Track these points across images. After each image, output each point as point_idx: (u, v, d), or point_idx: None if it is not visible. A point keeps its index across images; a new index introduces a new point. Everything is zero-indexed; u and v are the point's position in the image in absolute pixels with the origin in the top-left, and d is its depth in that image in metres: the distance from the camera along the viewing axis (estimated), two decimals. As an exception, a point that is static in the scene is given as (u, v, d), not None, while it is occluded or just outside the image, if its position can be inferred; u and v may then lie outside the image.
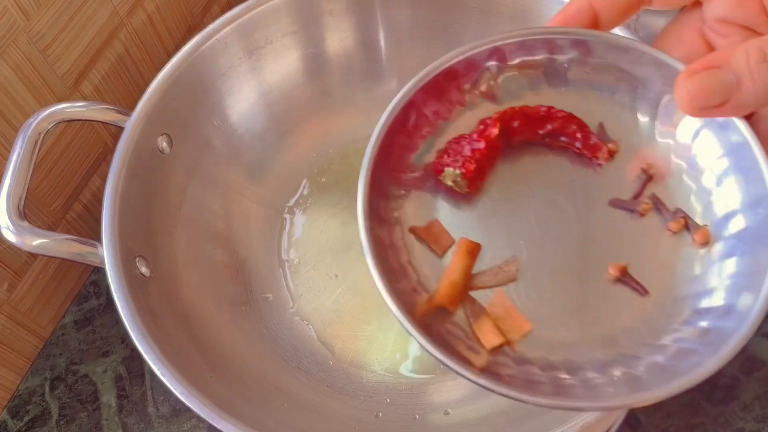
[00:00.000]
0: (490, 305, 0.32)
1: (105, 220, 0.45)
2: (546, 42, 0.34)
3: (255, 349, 0.51)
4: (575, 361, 0.31)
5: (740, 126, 0.31)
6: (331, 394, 0.50)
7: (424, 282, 0.33)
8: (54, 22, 0.49)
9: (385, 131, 0.33)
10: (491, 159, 0.34)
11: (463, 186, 0.34)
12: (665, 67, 0.33)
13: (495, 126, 0.34)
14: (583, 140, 0.34)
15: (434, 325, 0.32)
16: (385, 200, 0.33)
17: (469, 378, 0.29)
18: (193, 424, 0.54)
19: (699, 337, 0.30)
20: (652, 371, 0.30)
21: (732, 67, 0.28)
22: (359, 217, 0.32)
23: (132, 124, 0.48)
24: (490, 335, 0.31)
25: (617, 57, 0.34)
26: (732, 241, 0.32)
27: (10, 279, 0.52)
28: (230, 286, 0.53)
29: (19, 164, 0.44)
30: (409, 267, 0.33)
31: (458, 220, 0.34)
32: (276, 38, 0.55)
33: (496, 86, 0.35)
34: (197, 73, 0.52)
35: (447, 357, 0.29)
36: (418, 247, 0.33)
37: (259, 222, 0.56)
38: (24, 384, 0.56)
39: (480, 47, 0.34)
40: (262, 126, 0.57)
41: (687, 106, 0.29)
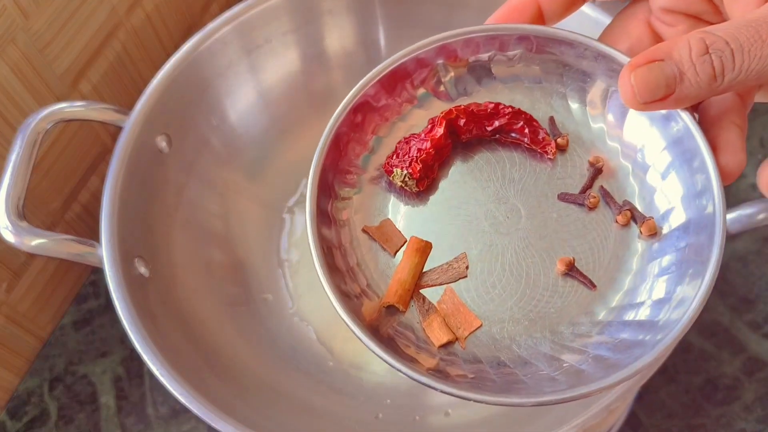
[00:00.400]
0: (439, 302, 0.33)
1: (104, 220, 0.45)
2: (492, 38, 0.35)
3: (254, 350, 0.51)
4: (522, 356, 0.32)
5: (684, 117, 0.31)
6: (331, 395, 0.50)
7: (373, 284, 0.33)
8: (53, 21, 0.49)
9: (334, 131, 0.34)
10: (439, 158, 0.35)
11: (412, 186, 0.34)
12: (610, 60, 0.33)
13: (440, 125, 0.34)
14: (531, 136, 0.35)
15: (383, 326, 0.32)
16: (334, 200, 0.34)
17: (417, 379, 0.29)
18: (192, 425, 0.54)
19: (641, 328, 0.31)
20: (595, 364, 0.31)
21: (674, 60, 0.28)
22: (307, 218, 0.32)
23: (131, 124, 0.48)
24: (439, 332, 0.32)
25: (563, 51, 0.35)
26: (675, 233, 0.32)
27: (8, 279, 0.52)
28: (229, 287, 0.53)
29: (17, 164, 0.44)
30: (357, 269, 0.33)
31: (410, 218, 0.34)
32: (275, 37, 0.55)
33: (446, 83, 0.36)
34: (196, 73, 0.52)
35: (394, 358, 0.30)
36: (367, 248, 0.34)
37: (259, 222, 0.56)
38: (23, 384, 0.56)
39: (429, 45, 0.35)
40: (262, 125, 0.57)
41: (630, 99, 0.29)
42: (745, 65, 0.27)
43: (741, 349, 0.54)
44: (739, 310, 0.55)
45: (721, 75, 0.28)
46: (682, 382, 0.53)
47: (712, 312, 0.55)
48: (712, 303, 0.55)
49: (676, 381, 0.53)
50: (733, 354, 0.54)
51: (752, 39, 0.27)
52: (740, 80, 0.28)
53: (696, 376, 0.53)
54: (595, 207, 0.34)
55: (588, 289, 0.32)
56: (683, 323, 0.29)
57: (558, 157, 0.35)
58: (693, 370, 0.54)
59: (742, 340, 0.54)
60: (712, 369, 0.54)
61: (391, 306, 0.32)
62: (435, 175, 0.35)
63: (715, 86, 0.28)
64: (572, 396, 0.29)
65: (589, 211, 0.34)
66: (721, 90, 0.28)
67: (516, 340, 0.32)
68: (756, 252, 0.57)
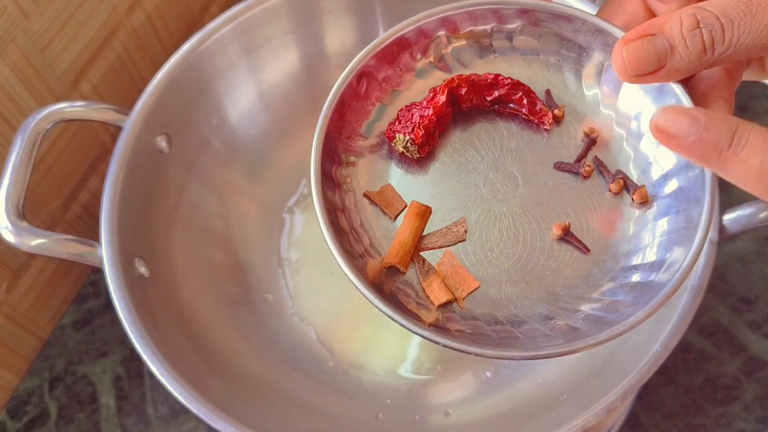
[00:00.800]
0: (438, 264, 0.34)
1: (104, 220, 0.45)
2: (493, 11, 0.36)
3: (254, 350, 0.51)
4: (519, 315, 0.33)
5: (676, 90, 0.32)
6: (331, 395, 0.50)
7: (376, 244, 0.34)
8: (53, 21, 0.49)
9: (337, 98, 0.35)
10: (441, 125, 0.36)
11: (413, 151, 0.35)
12: (606, 34, 0.35)
13: (442, 93, 0.35)
14: (529, 106, 0.36)
15: (386, 284, 0.33)
16: (338, 166, 0.35)
17: (417, 332, 0.31)
18: (192, 425, 0.54)
19: (633, 290, 0.32)
20: (588, 322, 0.32)
21: (666, 34, 0.29)
22: (312, 181, 0.33)
23: (131, 124, 0.48)
24: (438, 292, 0.33)
25: (561, 25, 0.36)
26: (667, 201, 0.33)
27: (9, 279, 0.52)
28: (229, 287, 0.53)
29: (17, 164, 0.44)
30: (361, 230, 0.35)
31: (410, 184, 0.35)
32: (275, 37, 0.55)
33: (446, 55, 0.37)
34: (196, 73, 0.52)
35: (397, 313, 0.31)
36: (370, 211, 0.35)
37: (258, 222, 0.56)
38: (23, 384, 0.56)
39: (430, 17, 0.36)
40: (261, 125, 0.57)
41: (623, 73, 0.30)
42: (734, 39, 0.28)
43: (741, 349, 0.54)
44: (739, 310, 0.55)
45: (711, 48, 0.28)
46: (682, 382, 0.53)
47: (712, 312, 0.55)
48: (712, 303, 0.55)
49: (676, 381, 0.53)
50: (733, 354, 0.54)
51: (742, 13, 0.28)
52: (730, 54, 0.28)
53: (696, 376, 0.53)
54: (589, 176, 0.35)
55: (582, 254, 0.34)
56: (673, 283, 0.30)
57: (554, 128, 0.36)
58: (693, 370, 0.54)
59: (742, 340, 0.54)
60: (712, 369, 0.54)
61: (392, 266, 0.33)
62: (435, 143, 0.36)
63: (705, 59, 0.29)
64: (568, 350, 0.30)
65: (583, 180, 0.35)
66: (711, 63, 0.29)
67: (513, 300, 0.33)
68: (756, 252, 0.57)
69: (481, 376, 0.50)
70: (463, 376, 0.51)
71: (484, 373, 0.51)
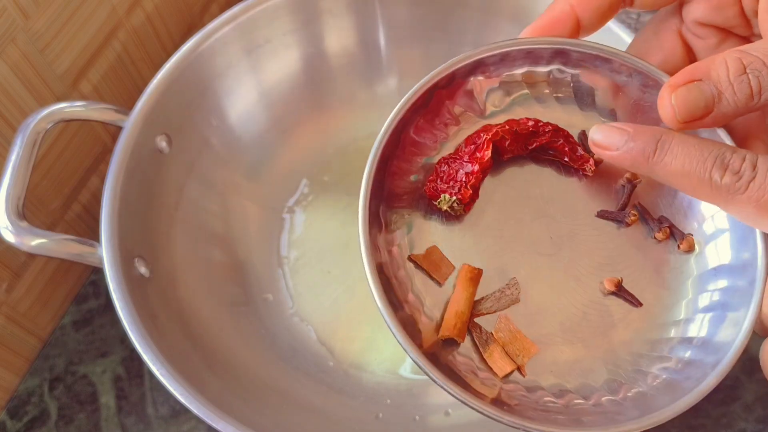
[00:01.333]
0: (496, 331, 0.32)
1: (104, 220, 0.45)
2: (528, 53, 0.34)
3: (254, 350, 0.51)
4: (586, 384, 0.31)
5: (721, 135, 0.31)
6: (331, 395, 0.50)
7: (428, 312, 0.33)
8: (53, 21, 0.49)
9: (377, 159, 0.32)
10: (483, 177, 0.34)
11: (459, 210, 0.34)
12: (645, 75, 0.33)
13: (488, 148, 0.33)
14: (570, 153, 0.34)
15: (442, 355, 0.32)
16: (384, 230, 0.33)
17: (482, 412, 0.29)
18: (192, 425, 0.54)
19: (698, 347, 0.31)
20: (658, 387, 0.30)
21: (713, 80, 0.29)
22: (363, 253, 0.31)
23: (131, 124, 0.48)
24: (501, 363, 0.32)
25: (598, 65, 0.34)
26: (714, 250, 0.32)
27: (9, 279, 0.52)
28: (229, 287, 0.53)
29: (17, 164, 0.44)
30: (411, 296, 0.33)
31: (453, 242, 0.34)
32: (275, 37, 0.55)
33: (478, 99, 0.35)
34: (196, 73, 0.52)
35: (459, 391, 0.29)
36: (418, 276, 0.33)
37: (258, 222, 0.56)
38: (23, 384, 0.56)
39: (463, 61, 0.34)
40: (261, 126, 0.57)
41: (671, 119, 0.30)
42: None
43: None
44: (739, 310, 0.55)
45: (758, 94, 0.28)
46: (682, 382, 0.53)
47: (712, 312, 0.55)
48: (712, 303, 0.55)
49: (676, 381, 0.53)
50: (733, 354, 0.54)
51: None
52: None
53: (696, 376, 0.53)
54: (632, 224, 0.34)
55: (634, 307, 0.32)
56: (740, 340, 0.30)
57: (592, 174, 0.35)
58: (693, 370, 0.54)
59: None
60: (712, 369, 0.54)
61: (448, 338, 0.32)
62: (477, 197, 0.34)
63: (752, 105, 0.29)
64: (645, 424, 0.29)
65: (627, 227, 0.34)
66: (757, 108, 0.29)
67: (572, 363, 0.32)
68: (756, 252, 0.56)
69: (481, 376, 0.51)
70: (463, 376, 0.51)
71: (484, 373, 0.51)
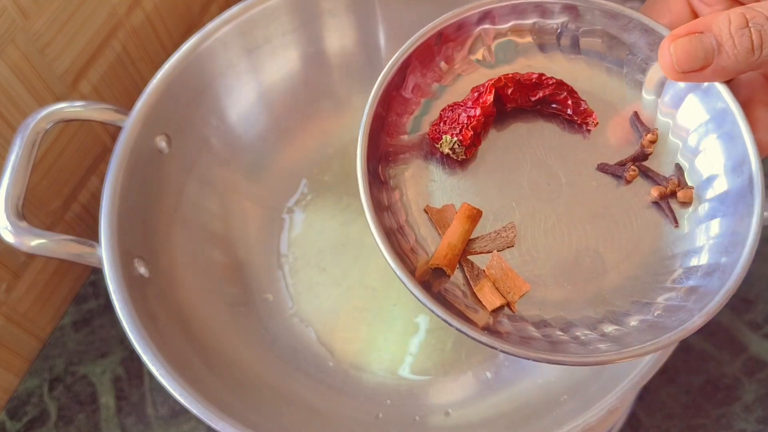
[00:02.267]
0: (488, 267, 0.33)
1: (103, 220, 0.45)
2: (537, 6, 0.35)
3: (254, 351, 0.51)
4: (568, 319, 0.32)
5: (722, 91, 0.32)
6: (331, 395, 0.50)
7: (422, 242, 0.34)
8: (52, 21, 0.49)
9: (380, 95, 0.34)
10: (485, 125, 0.35)
11: (460, 153, 0.34)
12: (652, 33, 0.34)
13: (490, 93, 0.34)
14: (574, 107, 0.35)
15: (434, 285, 0.32)
16: (384, 163, 0.34)
17: (472, 336, 0.30)
18: (191, 426, 0.54)
19: (686, 295, 0.31)
20: (640, 328, 0.31)
21: (714, 32, 0.29)
22: (359, 177, 0.32)
23: (130, 124, 0.48)
24: (491, 297, 0.32)
25: (606, 22, 0.35)
26: (715, 203, 0.33)
27: (8, 279, 0.51)
28: (229, 287, 0.53)
29: (17, 164, 0.44)
30: (407, 227, 0.34)
31: (452, 185, 0.35)
32: (275, 37, 0.55)
33: (488, 51, 0.36)
34: (196, 73, 0.52)
35: (450, 316, 0.30)
36: (415, 208, 0.34)
37: (258, 222, 0.56)
38: (22, 385, 0.56)
39: (472, 10, 0.35)
40: (261, 126, 0.57)
41: (669, 69, 0.30)
42: None
43: (741, 350, 0.54)
44: (739, 310, 0.55)
45: (759, 48, 0.29)
46: (682, 382, 0.53)
47: (713, 312, 0.55)
48: (712, 303, 0.55)
49: (677, 381, 0.53)
50: (733, 354, 0.54)
51: None
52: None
53: (696, 376, 0.53)
54: (632, 180, 0.34)
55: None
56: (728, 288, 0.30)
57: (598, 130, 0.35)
58: (693, 370, 0.54)
59: (742, 340, 0.54)
60: (712, 369, 0.53)
61: (438, 268, 0.33)
62: (480, 144, 0.35)
63: (752, 60, 0.29)
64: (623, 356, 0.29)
65: (626, 184, 0.34)
66: (758, 64, 0.29)
67: (560, 303, 0.32)
68: (756, 252, 0.56)
69: (481, 377, 0.50)
70: (463, 376, 0.51)
71: (484, 373, 0.51)
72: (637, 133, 0.35)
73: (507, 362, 0.50)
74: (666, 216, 0.33)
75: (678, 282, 0.32)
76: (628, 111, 0.35)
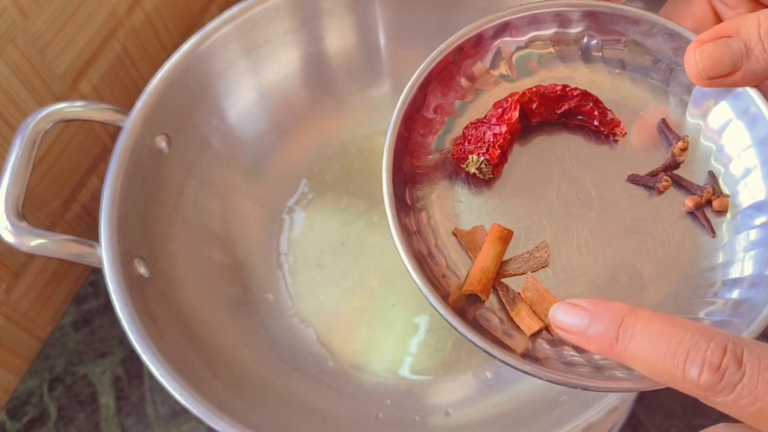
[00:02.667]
0: (523, 290, 0.32)
1: (103, 220, 0.45)
2: (556, 15, 0.34)
3: (254, 351, 0.51)
4: None
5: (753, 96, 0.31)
6: (331, 395, 0.50)
7: (453, 267, 0.32)
8: (52, 21, 0.49)
9: (401, 116, 0.33)
10: (511, 142, 0.34)
11: (487, 172, 0.33)
12: (677, 37, 0.33)
13: (515, 109, 0.33)
14: (600, 117, 0.34)
15: (468, 311, 0.31)
16: (409, 186, 0.33)
17: (513, 366, 0.29)
18: (191, 426, 0.54)
19: (731, 309, 0.30)
20: None
21: (742, 37, 0.28)
22: (386, 203, 0.31)
23: (130, 124, 0.48)
24: (529, 321, 0.31)
25: (628, 28, 0.34)
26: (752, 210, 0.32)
27: (8, 279, 0.51)
28: (229, 287, 0.53)
29: (17, 164, 0.44)
30: (436, 251, 0.32)
31: (480, 205, 0.34)
32: (275, 37, 0.55)
33: (509, 65, 0.35)
34: (196, 73, 0.52)
35: (489, 345, 0.29)
36: (443, 231, 0.33)
37: (258, 222, 0.56)
38: (22, 385, 0.56)
39: (489, 23, 0.34)
40: (261, 126, 0.57)
41: (696, 75, 0.29)
42: None
43: (741, 350, 0.54)
44: (740, 311, 0.55)
45: None
46: (682, 382, 0.53)
47: (713, 312, 0.55)
48: (712, 303, 0.55)
49: (677, 381, 0.53)
50: (734, 354, 0.54)
51: None
52: None
53: (696, 376, 0.53)
54: (665, 191, 0.33)
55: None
56: None
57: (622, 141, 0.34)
58: (693, 370, 0.53)
59: (743, 340, 0.54)
60: (712, 369, 0.53)
61: (473, 294, 0.31)
62: (506, 161, 0.34)
63: None
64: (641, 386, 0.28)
65: (658, 195, 0.33)
66: None
67: None
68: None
69: (481, 377, 0.50)
70: (463, 376, 0.51)
71: (484, 373, 0.51)
72: (666, 141, 0.34)
73: (507, 362, 0.50)
74: (702, 226, 0.32)
75: (719, 295, 0.31)
76: (654, 118, 0.34)
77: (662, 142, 0.34)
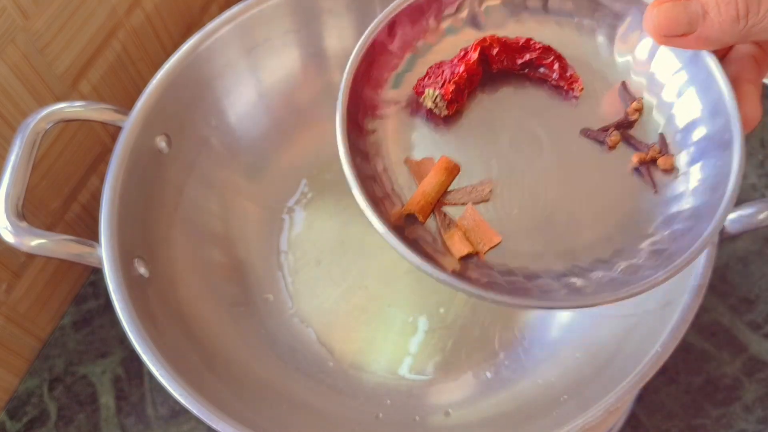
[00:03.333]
0: (460, 218, 0.34)
1: (103, 220, 0.45)
2: None
3: (254, 351, 0.51)
4: (532, 270, 0.33)
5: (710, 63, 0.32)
6: (331, 395, 0.50)
7: (399, 191, 0.34)
8: (52, 21, 0.49)
9: (366, 47, 0.35)
10: (470, 84, 0.35)
11: (442, 108, 0.35)
12: (641, 3, 0.34)
13: (474, 51, 0.35)
14: (560, 72, 0.36)
15: (406, 230, 0.33)
16: (364, 113, 0.35)
17: (438, 277, 0.30)
18: (191, 426, 0.54)
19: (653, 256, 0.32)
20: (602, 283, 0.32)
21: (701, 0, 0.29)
22: (337, 123, 0.33)
23: (130, 124, 0.48)
24: (460, 245, 0.33)
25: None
26: (695, 149, 0.33)
27: (8, 280, 0.51)
28: (229, 287, 0.53)
29: (17, 164, 0.44)
30: (384, 175, 0.34)
31: (435, 141, 0.35)
32: (275, 37, 0.55)
33: (478, 13, 0.37)
34: (196, 73, 0.52)
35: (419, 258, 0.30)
36: (395, 159, 0.35)
37: (258, 222, 0.56)
38: (22, 385, 0.56)
39: None
40: (261, 126, 0.57)
41: (653, 32, 0.30)
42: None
43: (741, 350, 0.54)
44: (739, 311, 0.55)
45: (745, 18, 0.28)
46: (682, 382, 0.53)
47: (712, 312, 0.55)
48: (712, 303, 0.55)
49: (677, 381, 0.53)
50: (734, 354, 0.54)
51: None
52: (764, 26, 0.29)
53: (696, 376, 0.53)
54: (614, 146, 0.34)
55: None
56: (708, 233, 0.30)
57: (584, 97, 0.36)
58: (693, 370, 0.54)
59: (743, 340, 0.54)
60: (712, 369, 0.53)
61: (411, 215, 0.33)
62: (463, 102, 0.36)
63: (737, 29, 0.29)
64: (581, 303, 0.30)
65: (609, 150, 0.35)
66: (743, 35, 0.29)
67: (530, 255, 0.33)
68: (756, 252, 0.56)
69: (481, 377, 0.50)
70: (463, 376, 0.51)
71: (484, 373, 0.51)
72: (624, 103, 0.36)
73: (507, 362, 0.50)
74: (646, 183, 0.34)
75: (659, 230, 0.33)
76: (617, 81, 0.36)
77: (621, 103, 0.36)
